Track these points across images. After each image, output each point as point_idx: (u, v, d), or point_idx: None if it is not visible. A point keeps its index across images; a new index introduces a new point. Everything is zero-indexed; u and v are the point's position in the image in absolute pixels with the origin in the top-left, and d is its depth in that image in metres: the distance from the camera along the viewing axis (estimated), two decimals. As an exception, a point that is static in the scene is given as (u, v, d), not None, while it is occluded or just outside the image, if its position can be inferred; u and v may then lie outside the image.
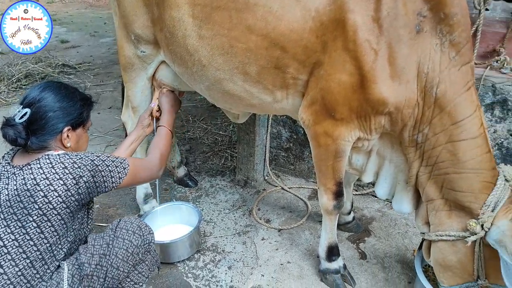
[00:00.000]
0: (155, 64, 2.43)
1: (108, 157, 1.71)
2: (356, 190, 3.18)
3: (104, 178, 1.66)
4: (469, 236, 1.83)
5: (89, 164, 1.61)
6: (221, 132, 4.10)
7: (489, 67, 2.65)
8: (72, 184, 1.56)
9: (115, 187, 1.72)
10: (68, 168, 1.56)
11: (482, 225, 1.78)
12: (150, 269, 1.87)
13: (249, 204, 3.04)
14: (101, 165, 1.65)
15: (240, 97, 2.16)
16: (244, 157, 3.16)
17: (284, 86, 2.04)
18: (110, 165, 1.68)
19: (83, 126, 1.76)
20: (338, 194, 2.19)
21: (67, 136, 1.68)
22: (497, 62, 2.64)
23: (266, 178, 3.34)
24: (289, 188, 3.23)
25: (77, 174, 1.57)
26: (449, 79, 1.79)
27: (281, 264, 2.51)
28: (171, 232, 2.60)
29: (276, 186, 3.24)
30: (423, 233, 2.10)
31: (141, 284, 1.83)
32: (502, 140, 2.68)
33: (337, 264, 2.36)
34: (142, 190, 2.79)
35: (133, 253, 1.75)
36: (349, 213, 2.76)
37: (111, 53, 6.53)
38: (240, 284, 2.36)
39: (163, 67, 2.44)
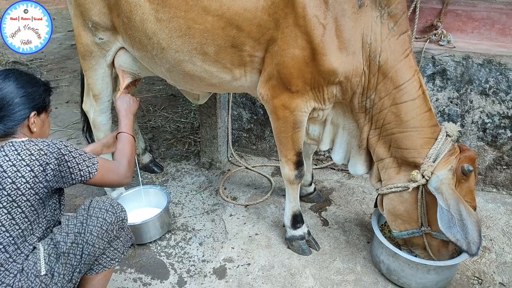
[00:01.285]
0: (114, 51, 2.47)
1: (76, 149, 1.70)
2: (316, 164, 3.36)
3: (71, 169, 1.65)
4: (411, 184, 2.04)
5: (56, 152, 1.61)
6: (182, 120, 4.16)
7: (428, 40, 2.87)
8: (40, 171, 1.57)
9: (84, 182, 1.71)
10: (35, 155, 1.57)
11: (422, 174, 1.99)
12: (125, 245, 1.92)
13: (215, 185, 3.15)
14: (67, 155, 1.64)
15: (200, 77, 2.26)
16: (208, 140, 3.25)
17: (241, 64, 2.15)
18: (78, 157, 1.67)
19: (45, 111, 1.77)
20: (299, 164, 2.34)
21: (34, 121, 1.69)
22: (435, 35, 2.87)
23: (230, 159, 3.45)
24: (252, 167, 3.35)
25: (43, 161, 1.58)
26: (390, 48, 1.98)
27: (250, 237, 2.64)
28: (141, 215, 2.66)
29: (240, 166, 3.36)
30: (377, 189, 2.29)
31: (117, 259, 1.89)
32: (444, 107, 2.92)
33: (301, 231, 2.52)
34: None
35: (108, 230, 1.79)
36: (310, 184, 2.93)
37: (63, 48, 6.39)
38: (212, 257, 2.47)
39: (122, 53, 2.49)
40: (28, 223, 1.61)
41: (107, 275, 1.90)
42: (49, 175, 1.60)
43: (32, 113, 1.69)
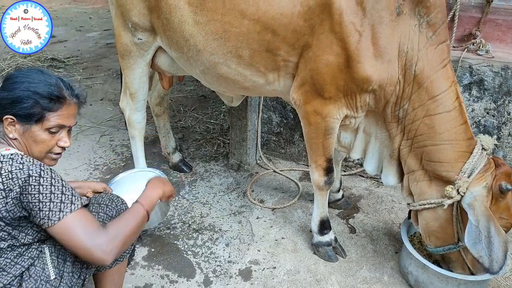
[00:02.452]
0: (152, 51, 2.53)
1: (54, 185, 1.46)
2: (345, 171, 3.34)
3: (33, 205, 1.43)
4: (446, 201, 2.00)
5: (22, 179, 1.42)
6: (212, 121, 4.21)
7: (466, 49, 2.82)
8: (1, 197, 1.41)
9: (47, 227, 1.45)
10: (3, 176, 1.42)
11: (457, 190, 1.95)
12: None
13: (243, 187, 3.17)
14: (35, 187, 1.42)
15: (234, 80, 2.28)
16: (237, 142, 3.28)
17: (275, 69, 2.16)
18: (47, 195, 1.43)
19: (37, 123, 1.54)
20: (329, 170, 2.34)
21: (8, 125, 1.54)
22: (473, 45, 2.81)
23: (258, 162, 3.47)
24: (280, 170, 3.36)
25: (7, 186, 1.41)
26: (427, 57, 1.95)
27: (276, 240, 2.64)
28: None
29: (268, 169, 3.37)
30: (409, 204, 2.26)
31: (127, 252, 1.87)
32: (480, 118, 2.85)
33: (328, 237, 2.50)
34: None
35: None
36: (338, 191, 2.91)
37: (98, 47, 6.57)
38: (238, 259, 2.49)
39: (160, 53, 2.55)
40: (13, 240, 1.50)
41: (120, 268, 1.89)
42: (9, 204, 1.42)
43: (6, 116, 1.53)
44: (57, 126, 1.59)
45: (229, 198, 3.05)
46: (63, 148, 1.65)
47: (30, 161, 1.48)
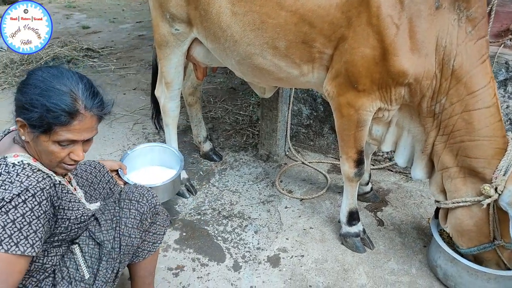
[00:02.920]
0: (188, 42, 2.59)
1: (14, 220, 1.36)
2: (373, 165, 3.34)
3: None
4: (484, 200, 1.99)
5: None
6: (241, 112, 4.27)
7: (502, 45, 2.77)
8: None
9: None
10: None
11: (495, 188, 1.94)
12: (164, 226, 1.93)
13: (272, 177, 3.22)
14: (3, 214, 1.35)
15: (268, 71, 2.33)
16: (267, 133, 3.33)
17: (310, 60, 2.19)
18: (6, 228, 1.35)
19: (46, 133, 1.44)
20: (359, 162, 2.36)
21: (20, 127, 1.47)
22: (510, 40, 2.76)
23: (287, 153, 3.51)
24: (309, 162, 3.39)
25: None
26: (466, 52, 1.94)
27: (304, 229, 2.69)
28: (151, 173, 2.62)
29: (297, 161, 3.41)
30: (438, 201, 2.25)
31: (159, 242, 1.91)
32: (515, 115, 2.81)
33: (357, 228, 2.53)
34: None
35: (142, 219, 1.76)
36: (367, 184, 2.93)
37: (131, 38, 6.71)
38: (266, 246, 2.55)
39: (196, 45, 2.61)
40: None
41: (153, 257, 1.94)
42: None
43: (18, 118, 1.46)
44: (67, 141, 1.47)
45: (258, 187, 3.10)
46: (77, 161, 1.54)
47: (28, 178, 1.40)
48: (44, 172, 1.48)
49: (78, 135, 1.47)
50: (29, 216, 1.38)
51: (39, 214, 1.41)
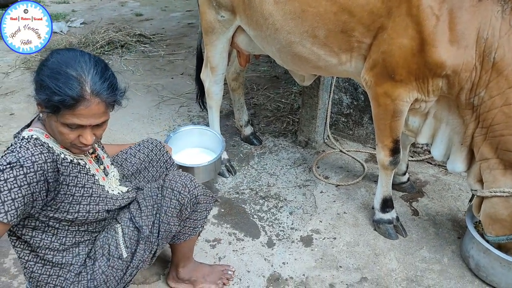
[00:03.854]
0: (233, 29, 2.72)
1: (6, 195, 1.43)
2: (412, 156, 3.35)
3: None
4: None
5: None
6: (283, 100, 4.36)
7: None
8: None
9: None
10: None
11: None
12: (207, 210, 2.00)
13: (309, 163, 3.31)
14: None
15: (307, 59, 2.41)
16: (307, 119, 3.41)
17: (349, 49, 2.25)
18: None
19: (55, 114, 1.49)
20: (395, 151, 2.40)
21: (37, 105, 1.54)
22: None
23: (326, 141, 3.58)
24: (347, 151, 3.45)
25: None
26: (508, 45, 1.92)
27: (338, 214, 2.77)
28: (193, 155, 2.88)
29: (335, 149, 3.48)
30: (475, 190, 2.26)
31: (200, 226, 2.00)
32: None
33: (390, 215, 2.58)
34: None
35: (181, 209, 1.84)
36: (404, 174, 2.95)
37: (181, 26, 6.94)
38: (300, 227, 2.66)
39: (239, 33, 2.73)
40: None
41: (194, 238, 2.05)
42: None
43: (36, 96, 1.52)
44: (74, 125, 1.50)
45: (295, 171, 3.21)
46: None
47: (26, 150, 1.48)
48: (48, 148, 1.55)
49: (84, 120, 1.49)
50: (11, 183, 1.43)
51: (22, 184, 1.44)
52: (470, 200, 2.39)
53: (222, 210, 2.78)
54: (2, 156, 1.51)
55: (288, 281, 2.28)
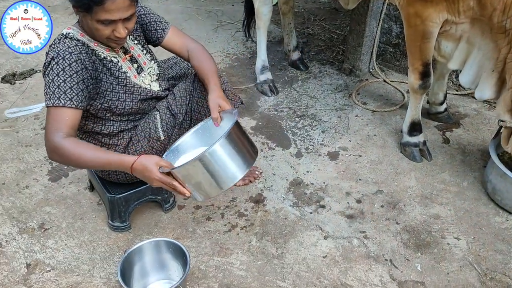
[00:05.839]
0: None
1: (53, 80, 1.72)
2: (457, 90, 3.32)
3: (45, 86, 1.77)
4: None
5: (48, 59, 1.76)
6: (337, 31, 4.38)
7: None
8: None
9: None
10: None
11: None
12: (234, 107, 2.12)
13: (351, 89, 3.41)
14: (49, 70, 1.74)
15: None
16: (353, 47, 3.47)
17: None
18: (55, 83, 1.72)
19: (89, 13, 1.70)
20: (425, 75, 2.45)
21: (73, 7, 1.75)
22: None
23: (371, 70, 3.63)
24: (390, 81, 3.49)
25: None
26: None
27: (368, 135, 2.91)
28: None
29: (379, 78, 3.53)
30: (503, 121, 2.26)
31: None
32: None
33: (417, 139, 2.68)
34: (260, 62, 3.34)
35: None
36: (442, 103, 2.97)
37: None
38: (329, 143, 2.85)
39: None
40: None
41: None
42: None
43: None
44: (106, 20, 1.71)
45: (335, 96, 3.34)
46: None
47: (63, 44, 1.75)
48: (83, 43, 1.82)
49: (114, 14, 1.69)
50: (62, 75, 1.71)
51: (71, 73, 1.72)
52: (497, 133, 2.40)
53: (260, 123, 3.04)
54: (46, 53, 1.80)
55: (308, 186, 2.52)
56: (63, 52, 1.73)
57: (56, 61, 1.73)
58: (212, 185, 1.66)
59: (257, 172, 2.54)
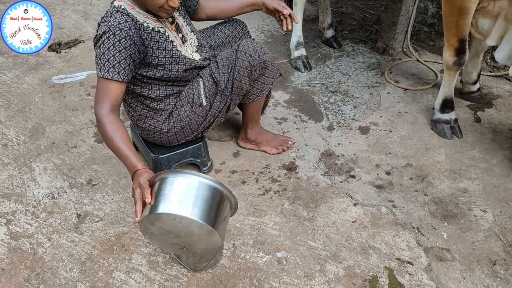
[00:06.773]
0: None
1: (104, 53, 1.83)
2: (491, 71, 3.32)
3: (96, 58, 1.89)
4: None
5: (100, 32, 1.86)
6: (371, 11, 4.39)
7: None
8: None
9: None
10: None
11: None
12: (273, 78, 2.31)
13: (383, 68, 3.46)
14: (101, 44, 1.85)
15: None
16: (387, 25, 3.50)
17: None
18: (106, 56, 1.83)
19: None
20: (460, 51, 2.48)
21: None
22: None
23: (404, 50, 3.65)
24: (424, 61, 3.51)
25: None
26: None
27: (399, 112, 2.97)
28: None
29: (412, 58, 3.55)
30: None
31: (265, 90, 2.33)
32: None
33: (448, 116, 2.72)
34: (295, 38, 3.41)
35: (252, 70, 2.15)
36: (475, 83, 2.99)
37: None
38: (361, 118, 2.92)
39: None
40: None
41: (260, 101, 2.40)
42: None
43: None
44: None
45: (368, 74, 3.39)
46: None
47: (114, 19, 1.84)
48: (132, 17, 1.89)
49: None
50: (112, 50, 1.82)
51: (120, 49, 1.83)
52: None
53: (293, 97, 3.13)
54: (98, 24, 1.90)
55: (339, 157, 2.62)
56: (114, 28, 1.82)
57: (107, 35, 1.82)
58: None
59: (290, 142, 2.65)
